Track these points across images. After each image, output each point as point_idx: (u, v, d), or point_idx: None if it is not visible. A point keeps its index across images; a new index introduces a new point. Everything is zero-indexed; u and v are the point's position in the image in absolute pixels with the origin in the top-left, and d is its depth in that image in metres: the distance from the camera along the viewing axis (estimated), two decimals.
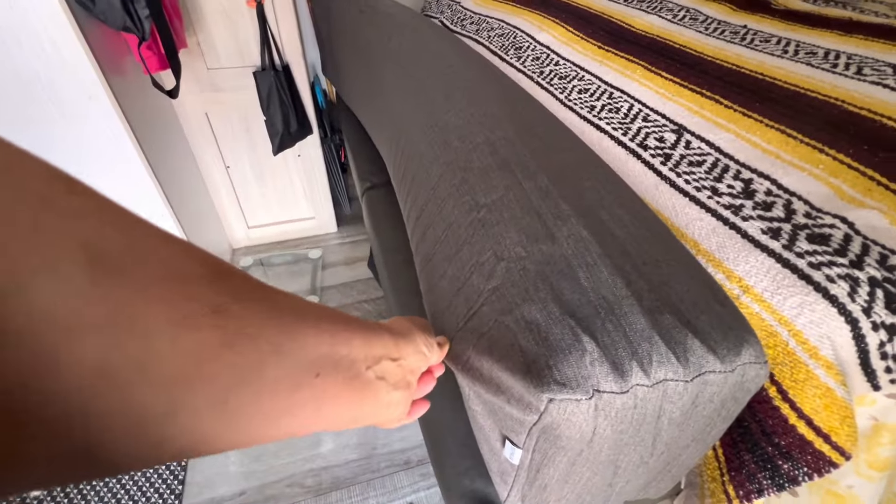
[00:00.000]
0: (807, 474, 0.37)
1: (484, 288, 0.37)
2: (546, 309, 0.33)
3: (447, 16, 1.16)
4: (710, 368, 0.31)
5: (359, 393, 0.24)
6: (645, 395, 0.31)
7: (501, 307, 0.34)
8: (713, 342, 0.32)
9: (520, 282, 0.35)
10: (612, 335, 0.32)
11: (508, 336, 0.32)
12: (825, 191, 0.44)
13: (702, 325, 0.33)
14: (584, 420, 0.30)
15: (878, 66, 0.61)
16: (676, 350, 0.31)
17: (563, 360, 0.30)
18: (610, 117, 0.62)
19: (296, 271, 1.63)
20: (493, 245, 0.40)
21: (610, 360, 0.30)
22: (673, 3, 0.93)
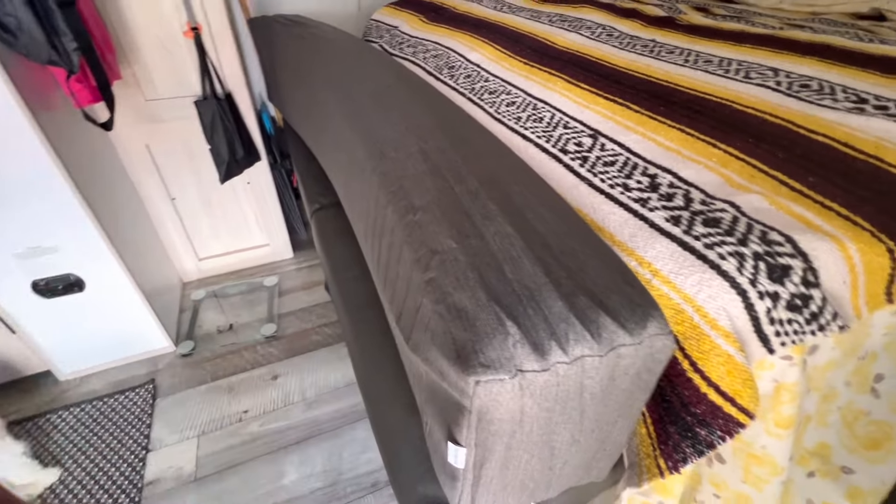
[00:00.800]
0: (720, 437, 0.40)
1: (422, 281, 0.39)
2: (474, 296, 0.35)
3: (386, 40, 1.20)
4: (621, 342, 0.34)
5: None
6: (565, 371, 0.33)
7: (436, 297, 0.36)
8: (623, 318, 0.34)
9: (452, 271, 0.37)
10: (533, 319, 0.34)
11: (443, 325, 0.34)
12: (717, 180, 0.49)
13: (613, 304, 0.36)
14: (510, 399, 0.32)
15: (762, 70, 0.68)
16: (591, 328, 0.34)
17: (487, 343, 0.32)
18: (534, 126, 0.66)
19: (252, 300, 1.58)
20: (429, 241, 0.42)
21: (531, 342, 0.33)
22: (591, 21, 1.01)
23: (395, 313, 0.48)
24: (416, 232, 0.44)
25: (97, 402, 1.20)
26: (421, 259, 0.41)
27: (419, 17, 1.23)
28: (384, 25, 1.29)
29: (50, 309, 1.14)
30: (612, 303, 0.36)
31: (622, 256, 0.46)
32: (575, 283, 0.37)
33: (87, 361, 1.28)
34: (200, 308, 1.55)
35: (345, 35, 1.14)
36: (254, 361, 1.36)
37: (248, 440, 1.14)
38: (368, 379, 0.72)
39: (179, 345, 1.38)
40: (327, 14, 1.65)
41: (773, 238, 0.41)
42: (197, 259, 1.62)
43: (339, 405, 1.22)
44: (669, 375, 0.43)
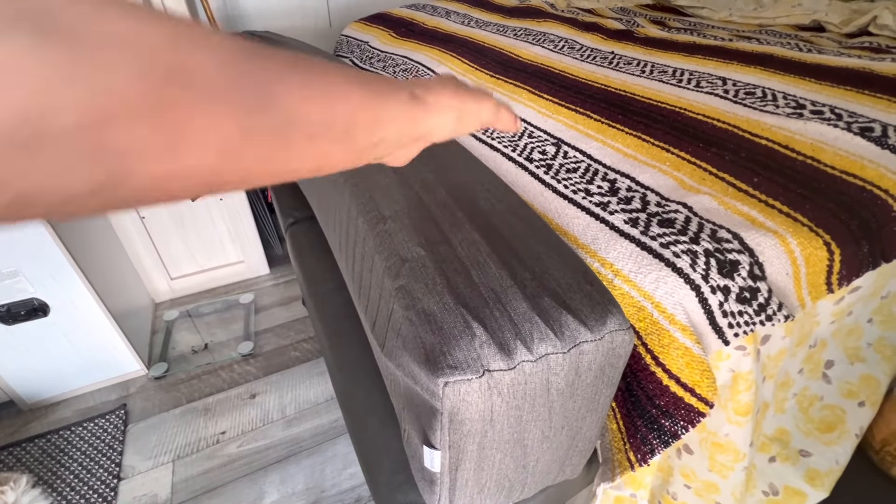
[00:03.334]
0: (683, 427, 0.42)
1: (392, 288, 0.40)
2: (442, 301, 0.36)
3: (357, 55, 1.22)
4: (583, 339, 0.36)
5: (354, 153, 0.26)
6: (531, 369, 0.34)
7: (407, 303, 0.37)
8: (584, 316, 0.36)
9: (421, 277, 0.38)
10: (499, 320, 0.35)
11: (413, 330, 0.35)
12: (671, 183, 0.52)
13: (574, 303, 0.37)
14: (479, 398, 0.33)
15: (712, 79, 0.73)
16: (554, 326, 0.35)
17: (454, 345, 0.34)
18: (501, 137, 0.68)
19: (227, 318, 1.56)
20: (399, 249, 0.43)
21: (497, 342, 0.34)
22: (555, 34, 1.05)
23: (369, 322, 0.48)
24: (387, 241, 0.45)
25: (64, 432, 1.15)
26: (391, 267, 0.42)
27: (389, 32, 1.26)
28: (354, 41, 1.31)
29: (12, 336, 1.09)
30: (573, 302, 0.38)
31: (586, 258, 0.48)
32: (539, 285, 0.39)
33: (53, 389, 1.23)
34: (174, 328, 1.51)
35: (315, 52, 1.15)
36: (231, 381, 1.33)
37: (226, 462, 1.11)
38: (347, 392, 0.72)
39: (152, 367, 1.34)
40: (299, 30, 1.67)
41: (722, 236, 0.44)
42: (169, 278, 1.58)
43: (320, 421, 1.20)
44: (634, 370, 0.45)
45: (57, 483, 1.04)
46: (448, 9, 1.40)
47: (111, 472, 1.07)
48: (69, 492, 1.03)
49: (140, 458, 1.11)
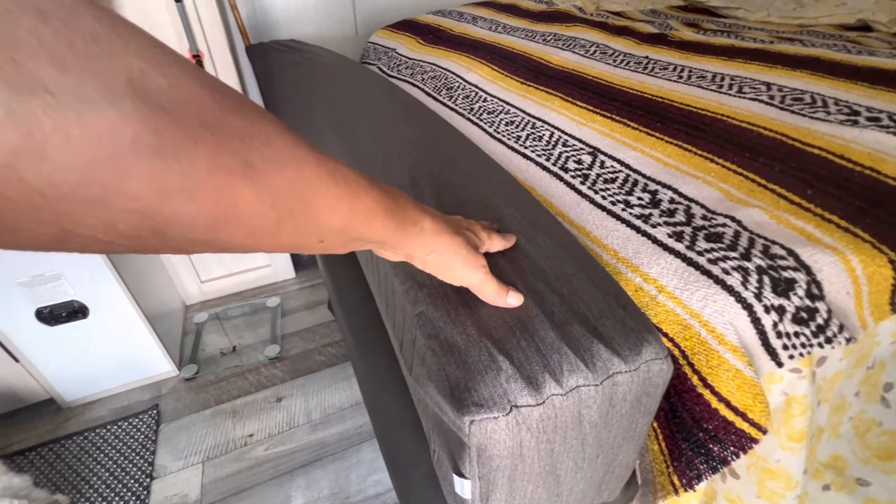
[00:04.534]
0: (734, 453, 0.40)
1: (413, 313, 0.39)
2: (465, 332, 0.35)
3: (384, 62, 1.22)
4: (616, 370, 0.34)
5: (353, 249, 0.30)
6: (561, 403, 0.33)
7: (428, 331, 0.36)
8: (616, 345, 0.35)
9: (441, 304, 0.37)
10: (526, 351, 0.34)
11: (436, 361, 0.34)
12: (717, 195, 0.50)
13: (606, 331, 0.36)
14: (507, 436, 0.32)
15: (755, 84, 0.70)
16: (585, 357, 0.34)
17: (479, 381, 0.32)
18: (534, 145, 0.67)
19: (255, 321, 1.58)
20: (415, 273, 0.42)
21: (524, 376, 0.33)
22: (585, 39, 1.03)
23: (397, 341, 0.48)
24: (401, 264, 0.44)
25: (101, 430, 1.19)
26: (409, 291, 0.41)
27: (416, 39, 1.26)
28: (381, 48, 1.31)
29: (53, 336, 1.14)
30: (605, 329, 0.36)
31: (627, 273, 0.46)
32: (568, 311, 0.37)
33: (90, 388, 1.27)
34: (203, 331, 1.55)
35: (340, 59, 1.16)
36: (258, 384, 1.35)
37: (253, 465, 1.13)
38: (377, 401, 0.72)
39: (183, 368, 1.38)
40: (325, 38, 1.69)
41: (776, 252, 0.41)
42: (199, 281, 1.62)
43: (345, 426, 1.21)
44: (679, 391, 0.43)
45: (94, 480, 1.07)
46: (475, 14, 1.40)
47: (144, 472, 1.10)
48: (105, 489, 1.06)
49: (171, 458, 1.14)
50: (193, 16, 1.21)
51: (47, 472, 1.09)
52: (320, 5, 1.67)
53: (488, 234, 0.42)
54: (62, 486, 1.06)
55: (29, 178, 0.14)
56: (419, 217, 0.33)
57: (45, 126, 0.14)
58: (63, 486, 1.06)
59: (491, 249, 0.42)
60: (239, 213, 0.20)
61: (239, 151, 0.19)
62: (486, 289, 0.37)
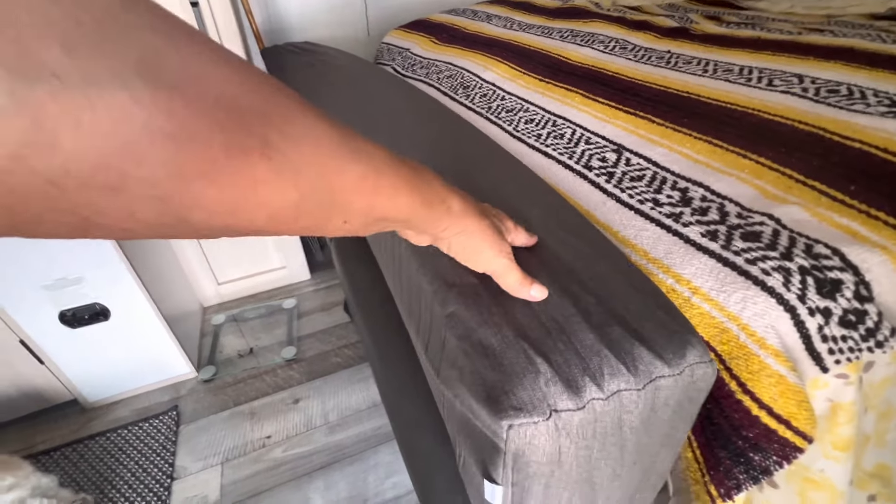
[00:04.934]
0: (777, 463, 0.38)
1: (443, 315, 0.38)
2: (500, 333, 0.34)
3: (398, 62, 1.22)
4: (659, 374, 0.32)
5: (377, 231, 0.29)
6: (602, 408, 0.32)
7: (460, 332, 0.35)
8: (659, 348, 0.33)
9: (474, 305, 0.36)
10: (564, 354, 0.33)
11: (470, 364, 0.33)
12: (751, 192, 0.48)
13: (647, 333, 0.34)
14: (546, 441, 0.30)
15: (786, 76, 0.67)
16: (626, 360, 0.32)
17: (518, 384, 0.31)
18: (556, 143, 0.66)
19: (271, 323, 1.59)
20: (443, 273, 0.41)
21: (564, 379, 0.31)
22: (604, 35, 1.01)
23: (422, 344, 0.47)
24: (430, 263, 0.43)
25: (122, 431, 1.20)
26: (438, 291, 0.40)
27: (430, 38, 1.25)
28: (395, 48, 1.31)
29: (76, 338, 1.15)
30: (646, 331, 0.34)
31: (658, 274, 0.45)
32: (606, 312, 0.36)
33: (112, 389, 1.29)
34: (221, 332, 1.56)
35: (354, 59, 1.16)
36: (275, 385, 1.35)
37: (271, 466, 1.13)
38: (397, 403, 0.71)
39: (201, 370, 1.39)
40: (338, 40, 1.69)
41: (820, 251, 0.39)
42: (216, 283, 1.64)
43: (362, 428, 1.21)
44: (717, 397, 0.41)
45: (116, 480, 1.09)
46: (489, 13, 1.39)
47: (165, 472, 1.11)
48: (127, 490, 1.07)
49: (191, 460, 1.15)
50: (209, 20, 1.22)
51: (71, 472, 1.10)
52: (333, 8, 1.67)
53: (514, 225, 0.41)
54: (86, 486, 1.07)
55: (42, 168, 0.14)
56: (447, 195, 0.32)
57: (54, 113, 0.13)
58: (87, 485, 1.07)
59: (515, 242, 0.41)
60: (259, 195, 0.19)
61: (257, 130, 0.18)
62: (510, 277, 0.36)
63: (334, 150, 0.22)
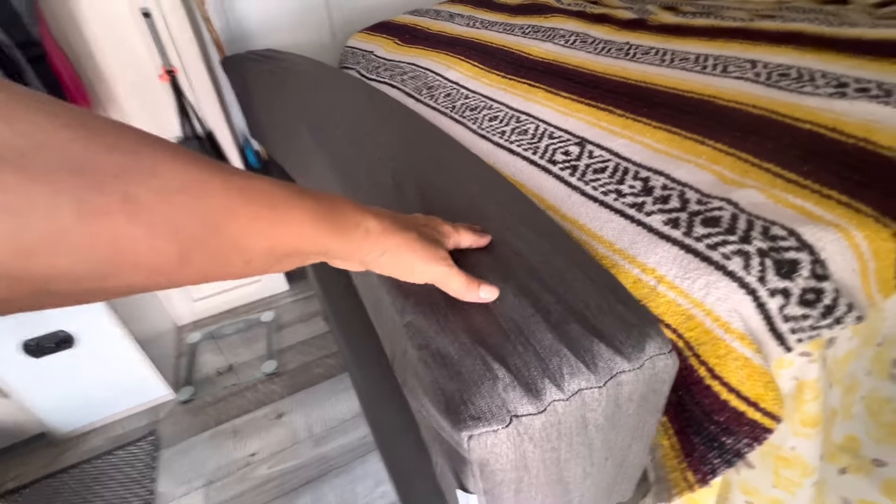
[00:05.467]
0: (748, 444, 0.38)
1: (401, 324, 0.37)
2: (458, 340, 0.33)
3: (363, 66, 1.20)
4: (619, 369, 0.32)
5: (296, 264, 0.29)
6: (564, 409, 0.31)
7: (419, 342, 0.34)
8: (618, 343, 0.33)
9: (430, 312, 0.36)
10: (523, 356, 0.32)
11: (429, 374, 0.32)
12: (710, 178, 0.48)
13: (606, 329, 0.34)
14: (509, 448, 0.30)
15: (739, 63, 0.68)
16: (585, 358, 0.32)
17: (475, 392, 0.30)
18: (520, 139, 0.66)
19: (250, 337, 1.56)
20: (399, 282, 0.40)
21: (523, 383, 0.31)
22: (565, 29, 1.02)
23: (390, 354, 0.46)
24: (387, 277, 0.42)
25: (97, 461, 1.16)
26: (395, 301, 0.39)
27: (393, 40, 1.24)
28: (359, 51, 1.29)
29: (42, 368, 1.10)
30: (605, 327, 0.34)
31: (625, 265, 0.45)
32: (565, 309, 0.35)
33: (84, 418, 1.24)
34: (198, 351, 1.52)
35: (317, 65, 1.14)
36: (257, 401, 1.32)
37: (258, 484, 1.10)
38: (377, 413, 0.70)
39: (179, 391, 1.35)
40: (302, 45, 1.67)
41: (777, 233, 0.40)
42: (191, 301, 1.59)
43: (348, 439, 1.19)
44: (688, 383, 0.41)
45: None
46: (452, 12, 1.38)
47: (146, 500, 1.07)
48: None
49: (174, 485, 1.11)
50: (164, 30, 1.18)
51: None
52: (295, 12, 1.64)
53: (454, 228, 0.40)
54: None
55: None
56: (361, 219, 0.31)
57: None
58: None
59: (461, 244, 0.40)
60: (128, 254, 0.19)
61: (113, 187, 0.18)
62: (452, 283, 0.35)
63: (217, 195, 0.22)
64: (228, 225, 0.22)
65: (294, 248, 0.27)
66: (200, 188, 0.21)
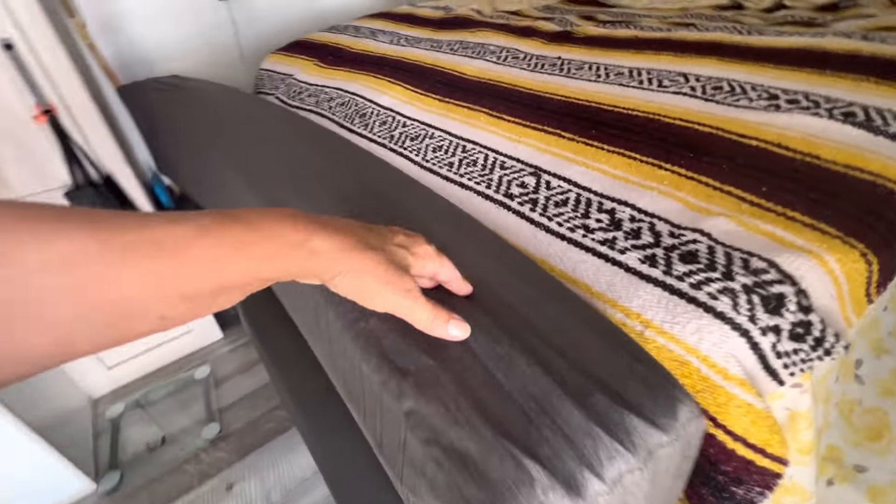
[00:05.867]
0: (760, 493, 0.37)
1: (400, 412, 0.31)
2: (477, 434, 0.28)
3: (283, 91, 1.10)
4: (657, 443, 0.29)
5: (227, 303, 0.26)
6: (607, 501, 0.27)
7: (426, 436, 0.29)
8: (649, 412, 0.29)
9: (435, 397, 0.30)
10: (553, 444, 0.28)
11: (444, 476, 0.27)
12: (676, 206, 0.47)
13: (633, 396, 0.30)
14: None
15: (672, 76, 0.69)
16: (621, 436, 0.28)
17: (513, 502, 0.26)
18: (470, 171, 0.61)
19: (184, 400, 1.38)
20: (393, 357, 0.34)
21: (561, 480, 0.26)
22: (493, 45, 1.00)
23: (372, 437, 0.39)
24: (373, 345, 0.36)
25: None
26: (388, 382, 0.33)
27: (314, 61, 1.16)
28: (277, 75, 1.19)
29: None
30: (630, 394, 0.31)
31: (606, 309, 0.42)
32: (581, 374, 0.32)
33: None
34: (121, 425, 1.32)
35: (231, 93, 1.03)
36: (201, 474, 1.17)
37: None
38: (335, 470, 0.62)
39: (101, 480, 1.15)
40: (210, 70, 1.52)
41: (757, 266, 0.39)
42: (105, 368, 1.38)
43: (312, 499, 1.08)
44: None
45: None
46: (372, 28, 1.32)
47: None
48: None
49: None
50: (32, 62, 1.00)
51: None
52: (197, 34, 1.49)
53: (438, 253, 0.35)
54: None
55: None
56: (308, 237, 0.27)
57: None
58: None
59: (439, 275, 0.35)
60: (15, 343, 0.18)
61: None
62: (418, 315, 0.32)
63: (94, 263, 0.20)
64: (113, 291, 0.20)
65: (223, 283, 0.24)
66: (80, 252, 0.19)
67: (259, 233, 0.26)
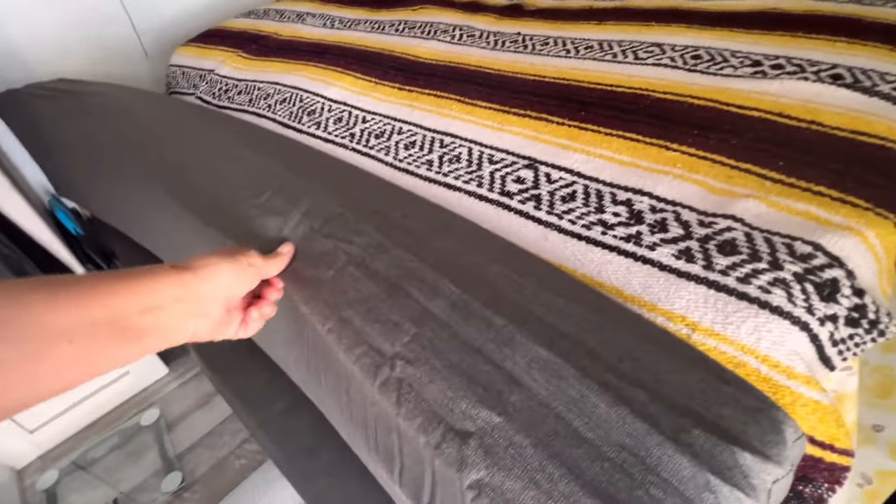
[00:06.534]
0: (829, 489, 0.35)
1: (462, 484, 0.25)
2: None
3: (204, 90, 0.95)
4: (773, 478, 0.25)
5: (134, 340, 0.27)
6: None
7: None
8: (759, 444, 0.25)
9: (511, 463, 0.24)
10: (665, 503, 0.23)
11: None
12: (697, 191, 0.43)
13: (732, 426, 0.26)
14: None
15: (646, 47, 0.66)
16: (736, 480, 0.24)
17: None
18: (455, 169, 0.54)
19: (133, 451, 1.21)
20: (443, 413, 0.28)
21: None
22: (442, 22, 0.92)
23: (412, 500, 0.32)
24: (411, 398, 0.29)
25: None
26: (441, 445, 0.27)
27: (236, 52, 1.01)
28: (193, 70, 1.03)
29: None
30: (729, 423, 0.26)
31: (643, 314, 0.37)
32: (667, 408, 0.27)
33: None
34: (60, 495, 1.13)
35: (141, 95, 0.87)
36: None
37: None
38: None
39: None
40: (102, 68, 1.29)
41: (802, 251, 0.36)
42: (27, 433, 1.17)
43: None
44: None
45: None
46: (298, 11, 1.18)
47: None
48: None
49: None
50: None
51: None
52: (84, 28, 1.26)
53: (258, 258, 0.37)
54: None
55: None
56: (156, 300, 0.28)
57: None
58: None
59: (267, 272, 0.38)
60: None
61: None
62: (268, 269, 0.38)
63: None
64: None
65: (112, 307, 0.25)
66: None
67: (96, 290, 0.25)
